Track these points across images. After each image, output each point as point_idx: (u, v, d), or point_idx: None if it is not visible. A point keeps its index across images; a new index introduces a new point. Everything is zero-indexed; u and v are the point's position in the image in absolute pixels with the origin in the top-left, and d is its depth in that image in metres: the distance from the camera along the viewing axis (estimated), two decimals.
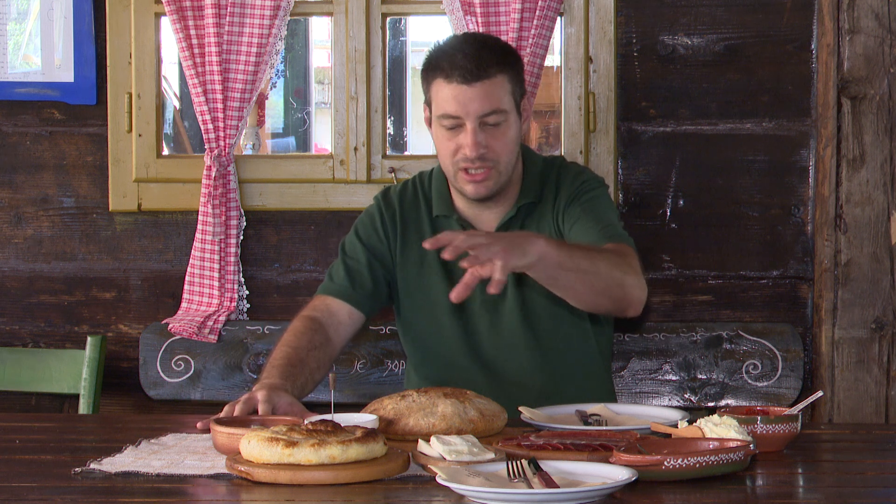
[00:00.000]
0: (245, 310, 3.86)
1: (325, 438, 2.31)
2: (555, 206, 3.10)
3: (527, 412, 2.73)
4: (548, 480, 2.18)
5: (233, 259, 3.82)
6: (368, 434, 2.35)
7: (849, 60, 3.67)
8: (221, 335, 3.77)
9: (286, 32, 3.81)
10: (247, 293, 3.87)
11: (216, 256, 3.79)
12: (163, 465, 2.44)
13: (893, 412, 3.70)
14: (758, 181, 3.79)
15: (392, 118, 6.37)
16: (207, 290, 3.80)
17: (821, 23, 3.71)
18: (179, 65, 4.02)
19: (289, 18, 3.81)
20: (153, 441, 2.65)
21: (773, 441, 2.50)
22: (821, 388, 3.68)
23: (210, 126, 3.78)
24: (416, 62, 6.44)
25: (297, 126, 7.04)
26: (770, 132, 3.79)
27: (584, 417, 2.73)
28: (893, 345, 3.70)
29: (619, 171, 3.81)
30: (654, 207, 3.81)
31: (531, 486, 2.17)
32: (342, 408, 2.64)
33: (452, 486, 2.16)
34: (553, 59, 4.50)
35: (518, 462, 2.25)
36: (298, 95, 7.05)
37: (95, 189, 3.92)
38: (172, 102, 5.12)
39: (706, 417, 2.45)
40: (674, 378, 3.69)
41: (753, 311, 3.80)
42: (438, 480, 2.19)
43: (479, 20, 3.68)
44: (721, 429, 2.39)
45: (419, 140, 6.66)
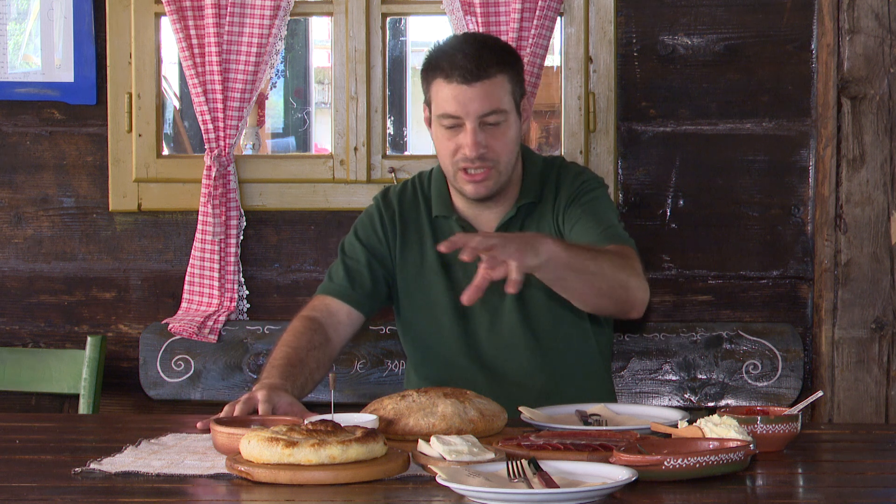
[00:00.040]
0: (245, 310, 3.86)
1: (325, 438, 2.31)
2: (555, 207, 3.10)
3: (527, 412, 2.73)
4: (548, 480, 2.18)
5: (233, 259, 3.82)
6: (368, 434, 2.35)
7: (849, 60, 3.67)
8: (221, 335, 3.77)
9: (286, 32, 3.81)
10: (247, 293, 3.87)
11: (216, 256, 3.79)
12: (163, 465, 2.44)
13: (893, 412, 3.70)
14: (758, 181, 3.79)
15: (392, 118, 6.36)
16: (207, 290, 3.80)
17: (821, 23, 3.71)
18: (179, 65, 4.02)
19: (289, 18, 3.81)
20: (153, 441, 2.65)
21: (773, 441, 2.50)
22: (821, 388, 3.68)
23: (210, 126, 3.78)
24: (416, 62, 6.44)
25: (297, 126, 7.04)
26: (770, 132, 3.78)
27: (584, 417, 2.73)
28: (893, 345, 3.70)
29: (619, 171, 3.81)
30: (654, 207, 3.81)
31: (531, 486, 2.17)
32: (342, 408, 2.64)
33: (452, 486, 2.16)
34: (553, 59, 4.50)
35: (518, 462, 2.25)
36: (298, 95, 7.05)
37: (95, 189, 3.92)
38: (172, 102, 5.12)
39: (706, 417, 2.45)
40: (674, 378, 3.69)
41: (753, 311, 3.80)
42: (438, 480, 2.19)
43: (479, 20, 3.68)
44: (721, 429, 2.39)
45: (419, 140, 6.66)
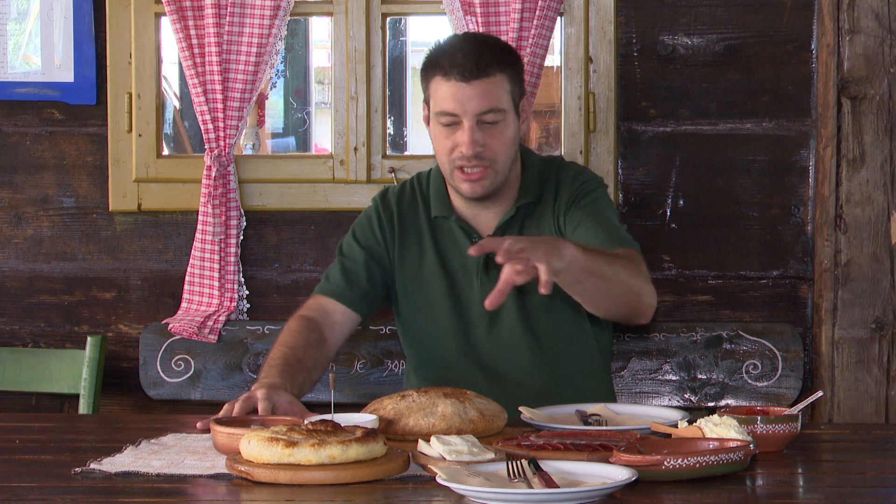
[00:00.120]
0: (245, 310, 3.86)
1: (325, 438, 2.31)
2: (555, 207, 3.10)
3: (527, 412, 2.73)
4: (548, 480, 2.18)
5: (233, 259, 3.82)
6: (368, 434, 2.35)
7: (849, 60, 3.67)
8: (221, 335, 3.77)
9: (286, 32, 3.81)
10: (247, 293, 3.86)
11: (216, 256, 3.79)
12: (163, 465, 2.44)
13: (893, 412, 3.70)
14: (758, 181, 3.79)
15: (392, 118, 6.36)
16: (207, 290, 3.80)
17: (821, 23, 3.71)
18: (179, 65, 4.02)
19: (289, 18, 3.81)
20: (153, 441, 2.65)
21: (773, 441, 2.50)
22: (821, 388, 3.68)
23: (210, 126, 3.78)
24: (416, 62, 6.44)
25: (297, 126, 7.04)
26: (770, 132, 3.78)
27: (584, 417, 2.73)
28: (893, 345, 3.70)
29: (619, 171, 3.81)
30: (654, 207, 3.81)
31: (531, 486, 2.17)
32: (342, 408, 2.64)
33: (452, 486, 2.16)
34: (553, 59, 4.50)
35: (518, 462, 2.25)
36: (298, 95, 7.05)
37: (95, 189, 3.92)
38: (172, 102, 5.12)
39: (706, 417, 2.45)
40: (674, 378, 3.69)
41: (753, 311, 3.80)
42: (438, 480, 2.19)
43: (479, 20, 3.68)
44: (721, 429, 2.39)
45: (419, 140, 6.66)
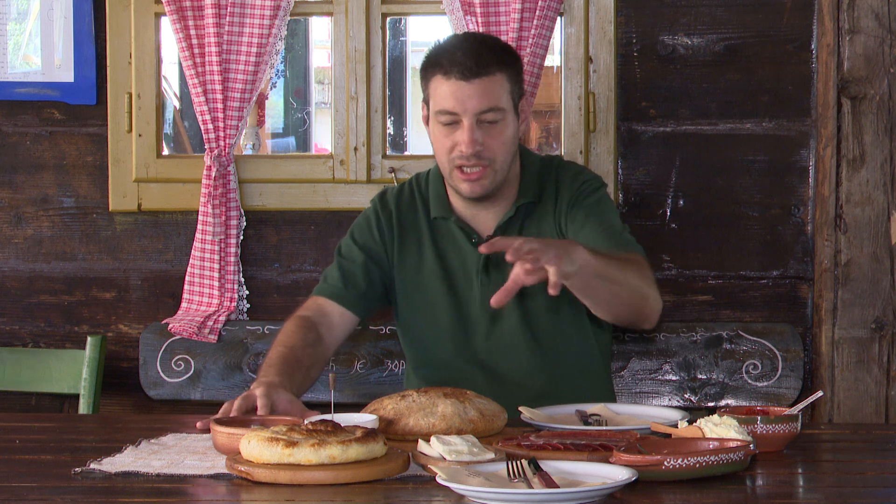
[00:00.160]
0: (245, 310, 3.86)
1: (325, 438, 2.31)
2: (556, 208, 3.09)
3: (527, 412, 2.73)
4: (548, 480, 2.18)
5: (233, 259, 3.82)
6: (368, 434, 2.35)
7: (849, 60, 3.67)
8: (221, 335, 3.77)
9: (286, 32, 3.81)
10: (247, 293, 3.86)
11: (216, 256, 3.79)
12: (163, 465, 2.44)
13: (893, 412, 3.70)
14: (758, 181, 3.79)
15: (392, 118, 6.36)
16: (207, 290, 3.80)
17: (821, 23, 3.71)
18: (179, 65, 4.02)
19: (289, 18, 3.81)
20: (153, 441, 2.65)
21: (773, 441, 2.50)
22: (821, 388, 3.68)
23: (210, 126, 3.78)
24: (416, 62, 6.43)
25: (297, 126, 7.04)
26: (770, 132, 3.78)
27: (584, 417, 2.73)
28: (893, 345, 3.70)
29: (619, 171, 3.81)
30: (654, 207, 3.81)
31: (531, 486, 2.17)
32: (342, 408, 2.64)
33: (452, 486, 2.16)
34: (553, 59, 4.50)
35: (518, 462, 2.25)
36: (298, 95, 7.05)
37: (95, 189, 3.92)
38: (172, 102, 5.12)
39: (706, 417, 2.45)
40: (674, 378, 3.69)
41: (753, 311, 3.80)
42: (438, 480, 2.19)
43: (479, 20, 3.68)
44: (721, 429, 2.39)
45: (419, 140, 6.66)
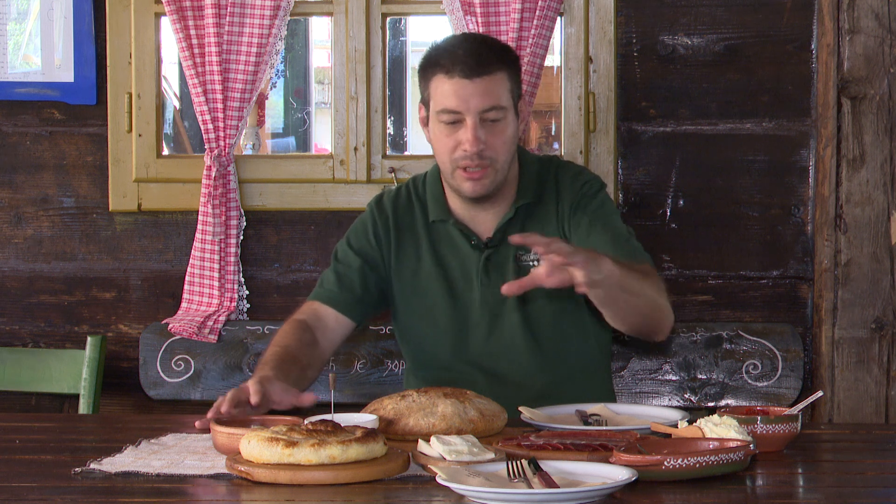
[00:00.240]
0: (245, 310, 3.86)
1: (325, 438, 2.31)
2: (558, 210, 3.09)
3: (527, 412, 2.73)
4: (548, 480, 2.18)
5: (233, 259, 3.82)
6: (368, 434, 2.35)
7: (849, 60, 3.67)
8: (221, 335, 3.77)
9: (286, 32, 3.81)
10: (247, 293, 3.86)
11: (216, 256, 3.79)
12: (163, 465, 2.44)
13: (893, 412, 3.70)
14: (758, 181, 3.79)
15: (392, 118, 6.36)
16: (207, 290, 3.80)
17: (821, 23, 3.71)
18: (179, 65, 4.02)
19: (289, 18, 3.81)
20: (153, 441, 2.65)
21: (773, 441, 2.50)
22: (821, 388, 3.68)
23: (210, 126, 3.78)
24: (416, 62, 6.42)
25: (297, 126, 7.04)
26: (770, 132, 3.78)
27: (584, 417, 2.73)
28: (893, 345, 3.70)
29: (619, 171, 3.81)
30: (654, 207, 3.81)
31: (531, 486, 2.17)
32: (342, 408, 2.64)
33: (452, 486, 2.16)
34: (553, 59, 4.50)
35: (518, 462, 2.25)
36: (298, 95, 7.05)
37: (95, 189, 3.92)
38: (172, 102, 5.12)
39: (706, 417, 2.45)
40: (674, 378, 3.69)
41: (753, 311, 3.80)
42: (438, 480, 2.19)
43: (479, 20, 3.68)
44: (721, 429, 2.39)
45: (419, 140, 6.65)
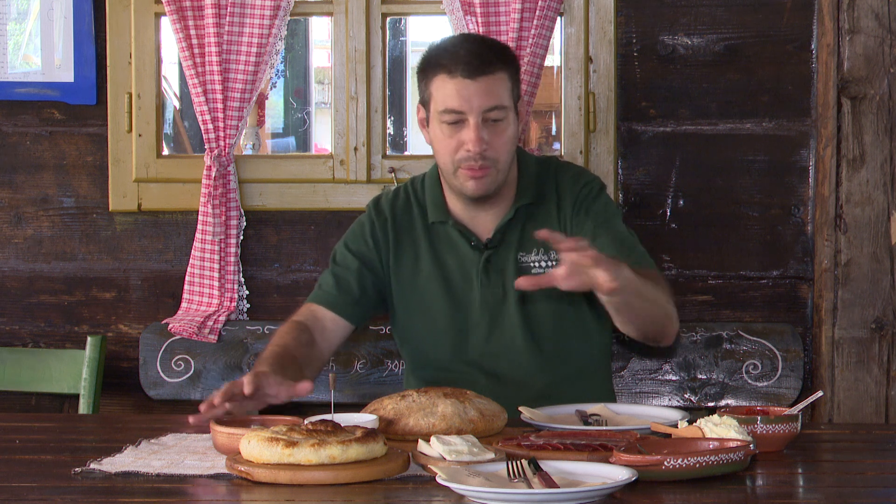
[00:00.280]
0: (245, 310, 3.86)
1: (325, 438, 2.31)
2: (560, 211, 3.08)
3: (527, 412, 2.73)
4: (548, 480, 2.18)
5: (233, 259, 3.82)
6: (368, 434, 2.35)
7: (849, 60, 3.67)
8: (221, 335, 3.77)
9: (286, 32, 3.81)
10: (247, 293, 3.86)
11: (216, 256, 3.79)
12: (163, 465, 2.44)
13: (893, 412, 3.70)
14: (758, 181, 3.79)
15: (392, 118, 6.36)
16: (207, 290, 3.80)
17: (821, 23, 3.71)
18: (179, 65, 4.02)
19: (289, 18, 3.81)
20: (153, 441, 2.65)
21: (773, 441, 2.50)
22: (821, 388, 3.68)
23: (210, 126, 3.78)
24: (416, 62, 6.43)
25: (297, 126, 7.04)
26: (770, 132, 3.78)
27: (584, 417, 2.73)
28: (893, 345, 3.70)
29: (619, 171, 3.81)
30: (654, 207, 3.81)
31: (531, 486, 2.17)
32: (342, 408, 2.64)
33: (452, 486, 2.16)
34: (553, 59, 4.50)
35: (518, 462, 2.25)
36: (298, 95, 7.05)
37: (95, 189, 3.92)
38: (172, 102, 5.12)
39: (706, 417, 2.45)
40: (674, 378, 3.69)
41: (753, 311, 3.80)
42: (438, 480, 2.19)
43: (479, 20, 3.68)
44: (721, 429, 2.39)
45: (419, 140, 6.64)
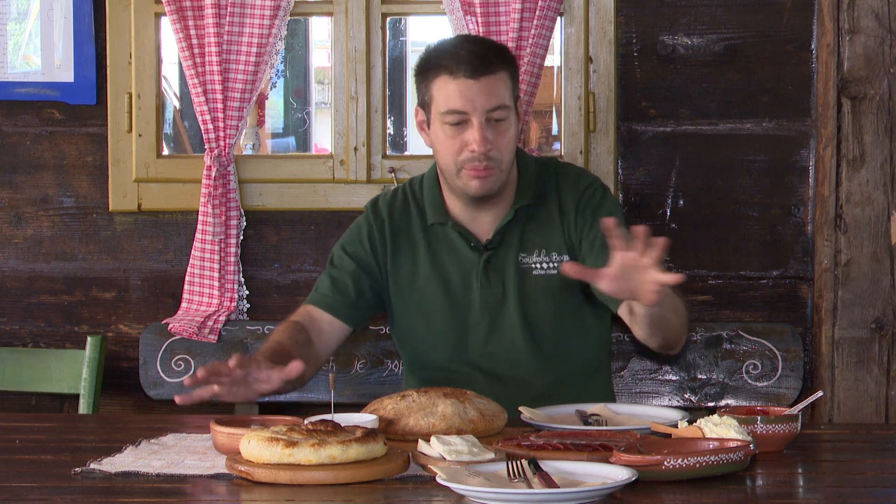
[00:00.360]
0: (245, 310, 3.86)
1: (325, 438, 2.31)
2: (562, 213, 3.08)
3: (527, 412, 2.73)
4: (548, 480, 2.18)
5: (233, 259, 3.82)
6: (368, 434, 2.35)
7: (849, 60, 3.67)
8: (221, 335, 3.77)
9: (286, 32, 3.81)
10: (247, 293, 3.86)
11: (216, 256, 3.79)
12: (163, 465, 2.44)
13: (893, 412, 3.70)
14: (758, 181, 3.79)
15: (392, 118, 6.36)
16: (207, 290, 3.80)
17: (821, 23, 3.71)
18: (179, 65, 4.02)
19: (289, 18, 3.81)
20: (153, 441, 2.65)
21: (773, 441, 2.50)
22: (821, 388, 3.68)
23: (210, 126, 3.78)
24: (415, 64, 6.42)
25: (297, 126, 7.04)
26: (770, 132, 3.78)
27: (584, 417, 2.73)
28: (893, 345, 3.70)
29: (619, 171, 3.81)
30: (654, 207, 3.81)
31: (531, 486, 2.17)
32: (342, 408, 2.64)
33: (452, 486, 2.16)
34: (553, 59, 4.50)
35: (518, 462, 2.25)
36: (298, 95, 7.05)
37: (95, 189, 3.92)
38: (172, 102, 5.12)
39: (706, 417, 2.45)
40: (674, 378, 3.69)
41: (753, 311, 3.80)
42: (438, 480, 2.19)
43: (479, 20, 3.68)
44: (721, 429, 2.39)
45: (419, 140, 6.65)
